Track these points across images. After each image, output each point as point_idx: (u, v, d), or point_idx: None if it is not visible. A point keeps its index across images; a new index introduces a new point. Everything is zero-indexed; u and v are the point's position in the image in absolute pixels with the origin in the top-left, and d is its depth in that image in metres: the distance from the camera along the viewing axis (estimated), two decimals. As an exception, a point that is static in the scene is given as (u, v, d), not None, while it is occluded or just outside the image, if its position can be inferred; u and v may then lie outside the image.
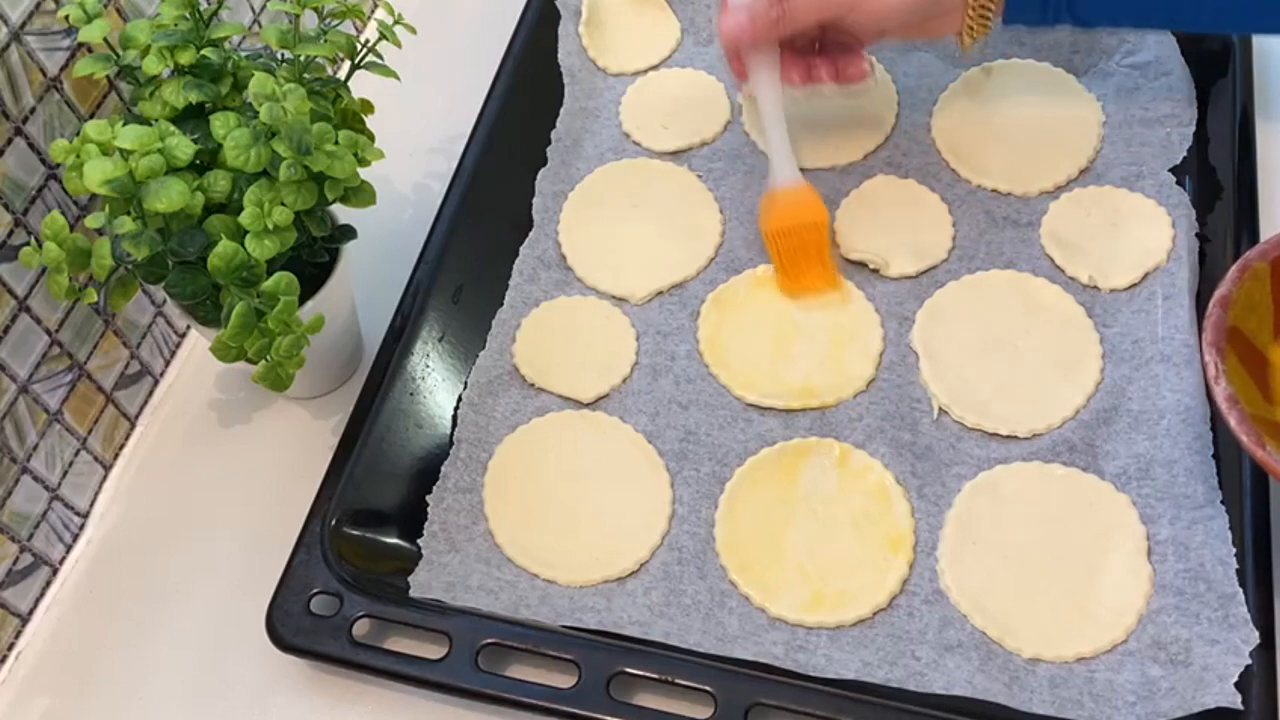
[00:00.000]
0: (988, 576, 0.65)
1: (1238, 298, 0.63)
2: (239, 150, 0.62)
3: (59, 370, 0.70)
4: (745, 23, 0.73)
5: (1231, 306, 0.63)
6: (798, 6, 0.72)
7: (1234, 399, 0.60)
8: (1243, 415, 0.59)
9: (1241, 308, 0.63)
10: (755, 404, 0.72)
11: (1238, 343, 0.63)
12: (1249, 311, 0.64)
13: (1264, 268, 0.64)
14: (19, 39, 0.64)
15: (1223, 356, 0.61)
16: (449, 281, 0.78)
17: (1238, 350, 0.63)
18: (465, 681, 0.63)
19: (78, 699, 0.69)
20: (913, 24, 0.74)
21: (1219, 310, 0.62)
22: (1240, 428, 0.59)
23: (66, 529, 0.73)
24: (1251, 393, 0.62)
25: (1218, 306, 0.63)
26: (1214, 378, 0.61)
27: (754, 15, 0.73)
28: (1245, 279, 0.64)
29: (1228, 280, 0.63)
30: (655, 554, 0.68)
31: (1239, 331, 0.63)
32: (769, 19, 0.72)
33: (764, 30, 0.73)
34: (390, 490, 0.70)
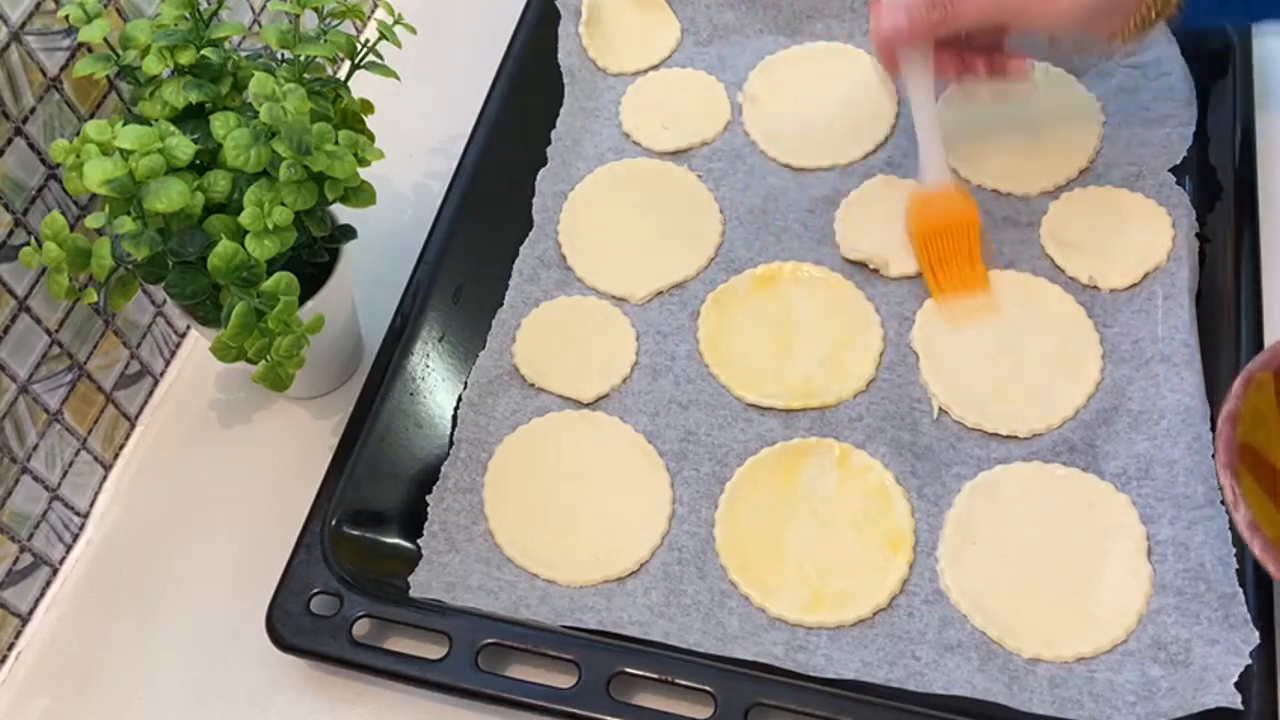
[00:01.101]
0: (988, 576, 0.65)
1: (1245, 412, 0.61)
2: (239, 150, 0.62)
3: (59, 370, 0.70)
4: (903, 24, 0.70)
5: (1240, 423, 0.61)
6: (962, 9, 0.69)
7: (1255, 525, 0.58)
8: (1266, 543, 0.58)
9: (1250, 422, 0.61)
10: (755, 404, 0.72)
11: (1249, 459, 0.61)
12: (1257, 425, 0.62)
13: (1267, 378, 0.62)
14: (19, 39, 0.64)
15: (1238, 478, 0.59)
16: (449, 281, 0.78)
17: (1250, 467, 0.61)
18: (465, 681, 0.63)
19: (78, 699, 0.69)
20: (1083, 23, 0.70)
21: (1228, 428, 0.60)
22: (1265, 555, 0.58)
23: (66, 529, 0.73)
24: (1268, 510, 0.60)
25: (1227, 424, 0.60)
26: (1233, 504, 0.59)
27: (913, 17, 0.70)
28: (1250, 391, 0.62)
29: (1233, 395, 0.61)
30: (655, 554, 0.68)
31: (1249, 447, 0.61)
32: (929, 22, 0.70)
33: (923, 33, 0.71)
34: (390, 490, 0.70)
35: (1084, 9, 0.69)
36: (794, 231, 0.79)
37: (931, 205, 0.75)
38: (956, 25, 0.70)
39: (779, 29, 0.89)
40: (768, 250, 0.78)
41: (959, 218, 0.75)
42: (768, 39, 0.89)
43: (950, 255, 0.74)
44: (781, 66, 0.87)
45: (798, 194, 0.81)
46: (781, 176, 0.82)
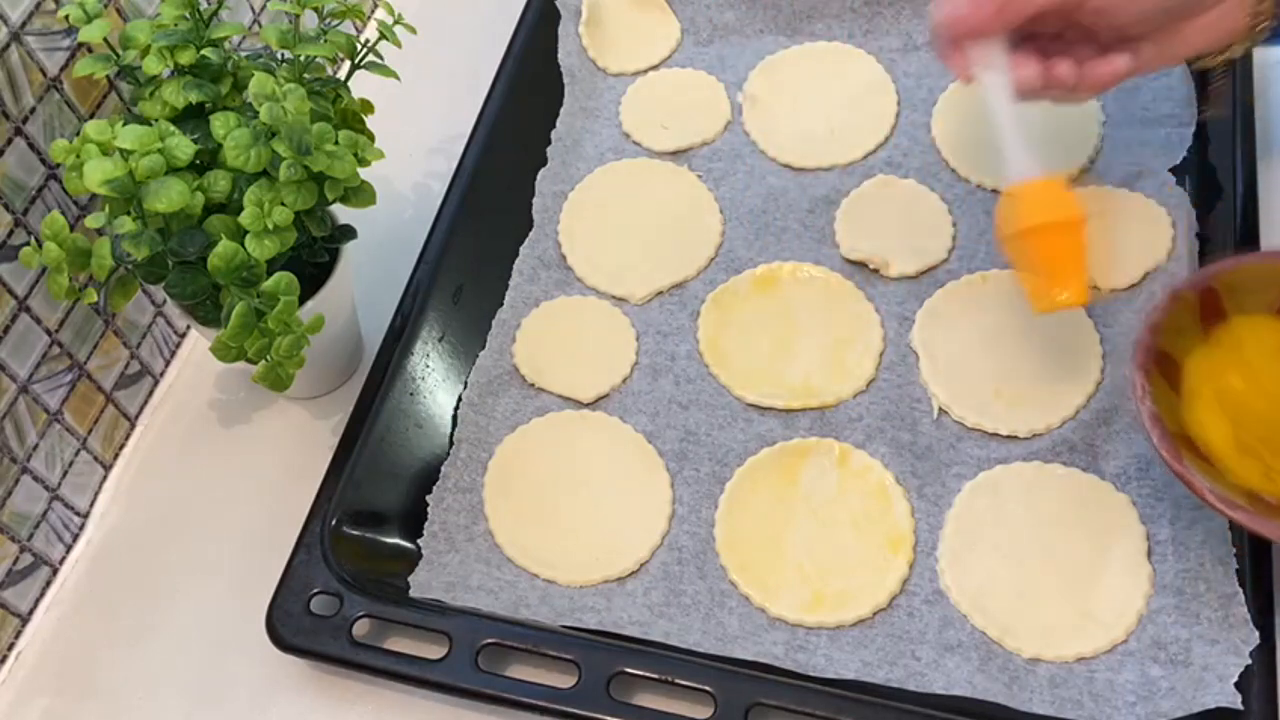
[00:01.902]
0: (988, 576, 0.65)
1: (1166, 324, 0.64)
2: (239, 150, 0.62)
3: (59, 370, 0.70)
4: (963, 10, 0.62)
5: (1161, 333, 0.64)
6: None
7: (1156, 416, 0.61)
8: (1164, 432, 0.61)
9: (1169, 334, 0.64)
10: (755, 404, 0.72)
11: (1163, 365, 0.64)
12: (1176, 336, 0.65)
13: (1192, 295, 0.65)
14: (19, 39, 0.64)
15: (1149, 377, 0.62)
16: (449, 281, 0.78)
17: (1163, 372, 0.64)
18: (465, 681, 0.63)
19: (78, 699, 0.69)
20: (1173, 13, 0.62)
21: (1149, 335, 0.63)
22: (1161, 443, 0.60)
23: (66, 529, 0.73)
24: (1176, 412, 0.64)
25: (1147, 332, 0.64)
26: (1140, 398, 0.62)
27: (976, 2, 0.62)
28: (1176, 307, 0.65)
29: (1158, 308, 0.64)
30: (655, 554, 0.68)
31: (1166, 354, 0.64)
32: (991, 6, 0.61)
33: (986, 20, 0.62)
34: (390, 490, 0.70)
35: None
36: (794, 231, 0.79)
37: (1032, 200, 0.65)
38: (1021, 11, 0.62)
39: (779, 29, 0.89)
40: (768, 250, 0.78)
41: (1063, 213, 0.64)
42: (768, 39, 0.89)
43: (1057, 258, 0.64)
44: (781, 66, 0.87)
45: (798, 194, 0.81)
46: (781, 176, 0.82)
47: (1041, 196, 0.65)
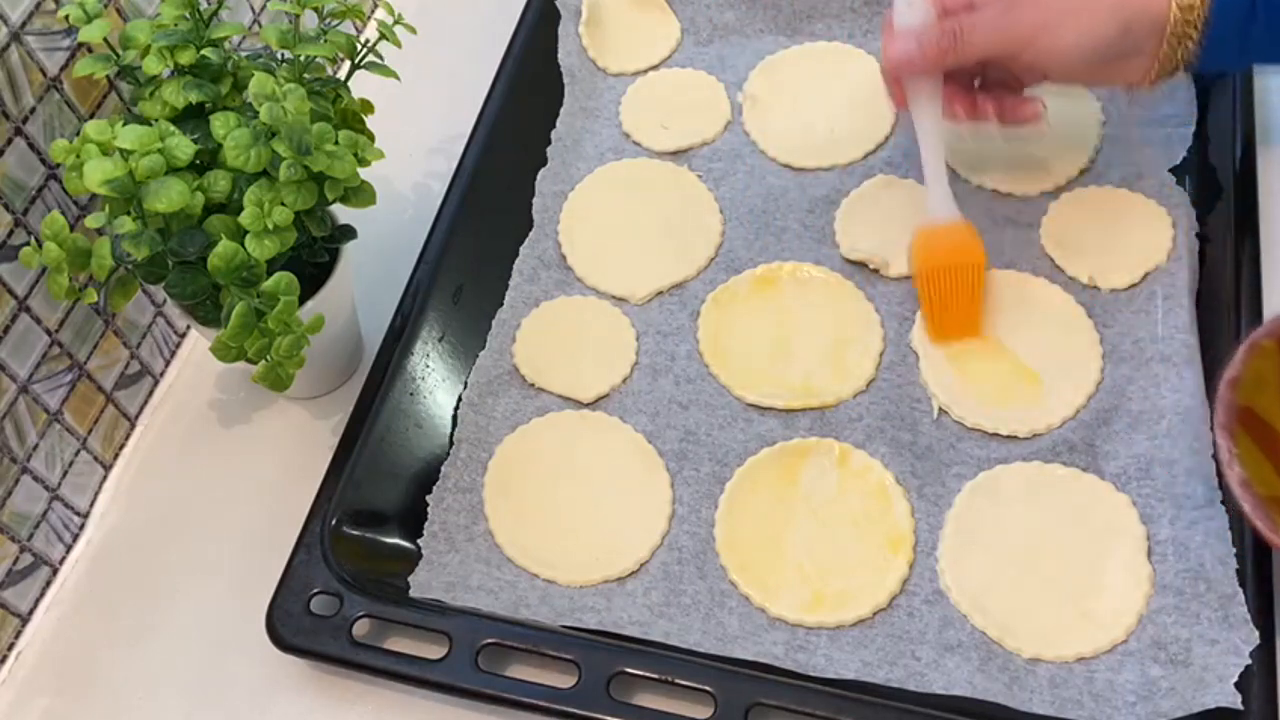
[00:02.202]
0: (988, 576, 0.65)
1: (1246, 377, 0.62)
2: (239, 150, 0.62)
3: (59, 370, 0.70)
4: (913, 50, 0.69)
5: (1241, 387, 0.62)
6: (973, 37, 0.68)
7: (1246, 483, 0.59)
8: (1257, 501, 0.59)
9: (1250, 387, 0.62)
10: (755, 404, 0.72)
11: (1248, 421, 0.62)
12: (1259, 390, 0.63)
13: (1271, 345, 0.63)
14: (19, 39, 0.64)
15: (1234, 439, 0.61)
16: (449, 281, 0.78)
17: (1248, 429, 0.62)
18: (465, 681, 0.63)
19: (78, 699, 0.69)
20: (1094, 67, 0.69)
21: (1229, 392, 0.61)
22: (1255, 513, 0.59)
23: (66, 529, 0.73)
24: (1265, 472, 0.61)
25: (1227, 388, 0.62)
26: (1227, 463, 0.60)
27: (923, 43, 0.69)
28: (1253, 357, 0.63)
29: (1235, 362, 0.62)
30: (655, 554, 0.68)
31: (1250, 411, 0.62)
32: (939, 48, 0.68)
33: (933, 60, 0.69)
34: (390, 490, 0.70)
35: (1090, 47, 0.67)
36: (794, 231, 0.79)
37: (937, 242, 0.73)
38: (967, 55, 0.69)
39: (779, 29, 0.89)
40: (768, 250, 0.78)
41: (965, 258, 0.72)
42: (768, 39, 0.89)
43: (951, 296, 0.72)
44: (781, 66, 0.87)
45: (798, 194, 0.81)
46: (781, 176, 0.82)
47: (945, 240, 0.73)
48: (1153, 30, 0.67)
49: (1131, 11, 0.67)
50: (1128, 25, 0.67)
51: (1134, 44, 0.67)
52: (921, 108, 0.72)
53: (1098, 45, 0.67)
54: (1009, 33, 0.68)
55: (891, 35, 0.71)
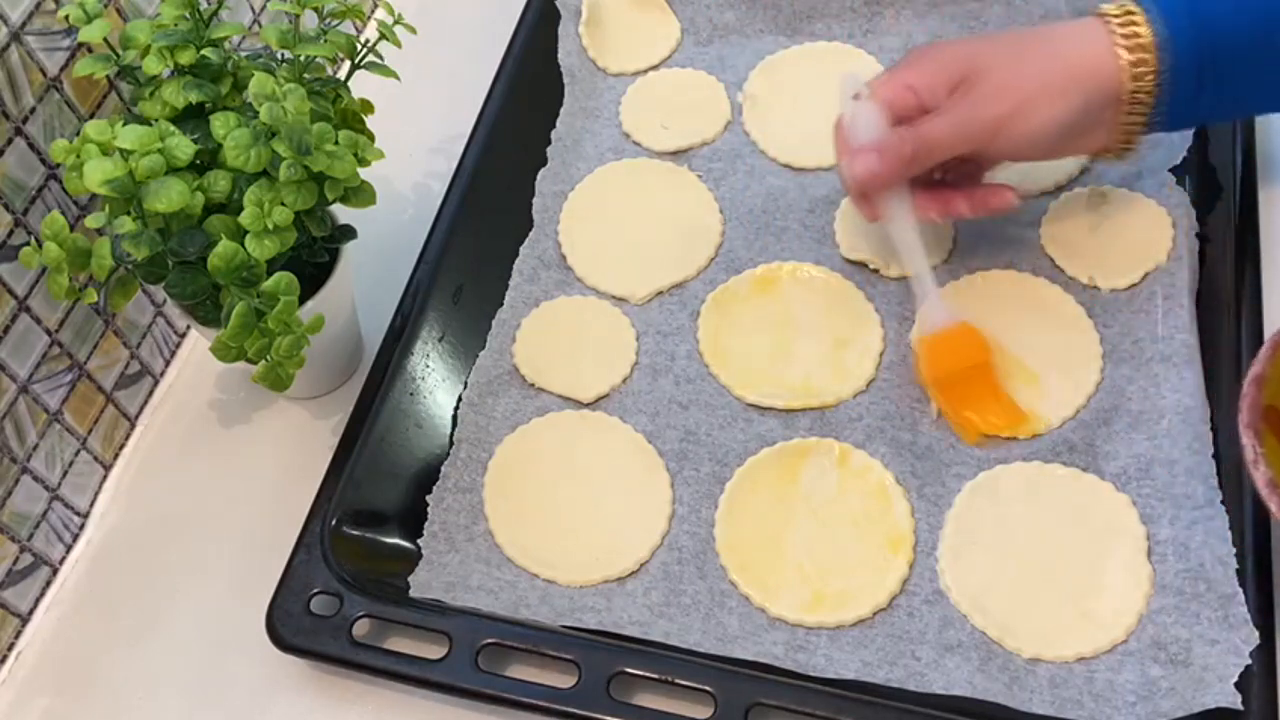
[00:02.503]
0: (988, 576, 0.65)
1: (1272, 375, 0.61)
2: (239, 150, 0.62)
3: (59, 370, 0.70)
4: (875, 165, 0.67)
5: (1266, 385, 0.61)
6: (933, 141, 0.67)
7: (1274, 484, 0.59)
8: None
9: (1276, 385, 0.61)
10: (755, 404, 0.72)
11: (1274, 420, 0.61)
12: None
13: None
14: (19, 39, 0.64)
15: (1259, 438, 0.60)
16: (449, 281, 0.78)
17: (1273, 428, 0.61)
18: (465, 681, 0.63)
19: (78, 699, 0.69)
20: (1059, 145, 0.68)
21: (1254, 390, 0.60)
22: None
23: (66, 529, 0.73)
24: None
25: (1252, 386, 0.61)
26: (1253, 463, 0.59)
27: (884, 155, 0.67)
28: (1279, 355, 0.62)
29: (1260, 359, 0.61)
30: (655, 554, 0.68)
31: (1275, 409, 0.62)
32: (902, 158, 0.67)
33: (896, 172, 0.68)
34: (390, 490, 0.70)
35: (1055, 128, 0.66)
36: (794, 231, 0.79)
37: (941, 349, 0.71)
38: (930, 158, 0.68)
39: (779, 29, 0.89)
40: (768, 250, 0.78)
41: (969, 359, 0.70)
42: (768, 39, 0.89)
43: (975, 396, 0.70)
44: (781, 66, 0.87)
45: (798, 194, 0.81)
46: (781, 176, 0.82)
47: (948, 345, 0.71)
48: (1109, 101, 0.66)
49: (1090, 85, 0.66)
50: (1086, 103, 0.66)
51: (1094, 117, 0.67)
52: (895, 217, 0.70)
53: (1061, 125, 0.67)
54: (970, 130, 0.67)
55: (849, 152, 0.69)
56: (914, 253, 0.71)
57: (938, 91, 0.68)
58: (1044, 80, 0.66)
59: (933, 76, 0.68)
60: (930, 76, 0.68)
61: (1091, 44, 0.66)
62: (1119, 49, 0.65)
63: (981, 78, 0.67)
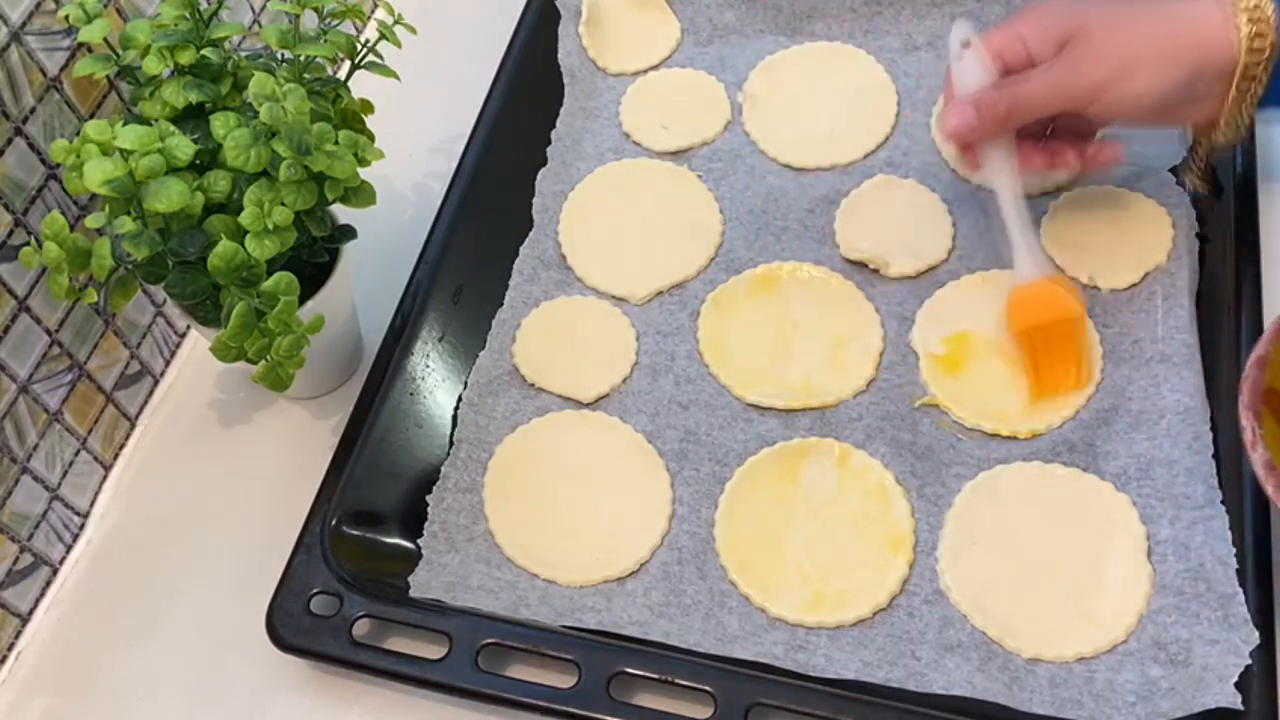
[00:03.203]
0: (988, 576, 0.65)
1: (1274, 357, 0.61)
2: (239, 150, 0.62)
3: (59, 370, 0.70)
4: (971, 119, 0.68)
5: (1268, 367, 0.61)
6: (1030, 100, 0.67)
7: (1271, 465, 0.58)
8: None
9: (1278, 367, 0.61)
10: (755, 404, 0.72)
11: (1274, 403, 0.61)
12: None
13: None
14: (19, 39, 0.64)
15: (1259, 420, 0.60)
16: (449, 281, 0.78)
17: (1273, 410, 0.61)
18: (465, 681, 0.63)
19: (78, 699, 0.69)
20: (1164, 112, 0.68)
21: (1256, 371, 0.60)
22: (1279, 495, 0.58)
23: (66, 529, 0.73)
24: None
25: (1255, 367, 0.61)
26: (1251, 444, 0.59)
27: (980, 110, 0.67)
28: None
29: (1264, 340, 0.61)
30: (655, 554, 0.68)
31: (1276, 391, 0.62)
32: (997, 114, 0.67)
33: (992, 127, 0.68)
34: (390, 490, 0.70)
35: (1158, 95, 0.66)
36: (794, 231, 0.79)
37: (1035, 300, 0.71)
38: (1027, 115, 0.68)
39: (779, 29, 0.89)
40: (768, 250, 0.78)
41: (1064, 311, 0.70)
42: (768, 39, 0.89)
43: (1057, 351, 0.70)
44: (781, 66, 0.87)
45: (798, 194, 0.81)
46: (781, 176, 0.82)
47: (1042, 297, 0.71)
48: (1221, 75, 0.66)
49: (1200, 57, 0.66)
50: (1198, 71, 0.66)
51: (1204, 88, 0.67)
52: (995, 169, 0.71)
53: (1165, 93, 0.66)
54: (1069, 92, 0.67)
55: (950, 103, 0.69)
56: (1013, 205, 0.71)
57: (1046, 45, 0.68)
58: (1150, 46, 0.66)
59: (1044, 30, 0.68)
60: (1041, 30, 0.68)
61: (1207, 14, 0.66)
62: (1241, 19, 0.65)
63: (1086, 37, 0.67)
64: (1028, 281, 0.71)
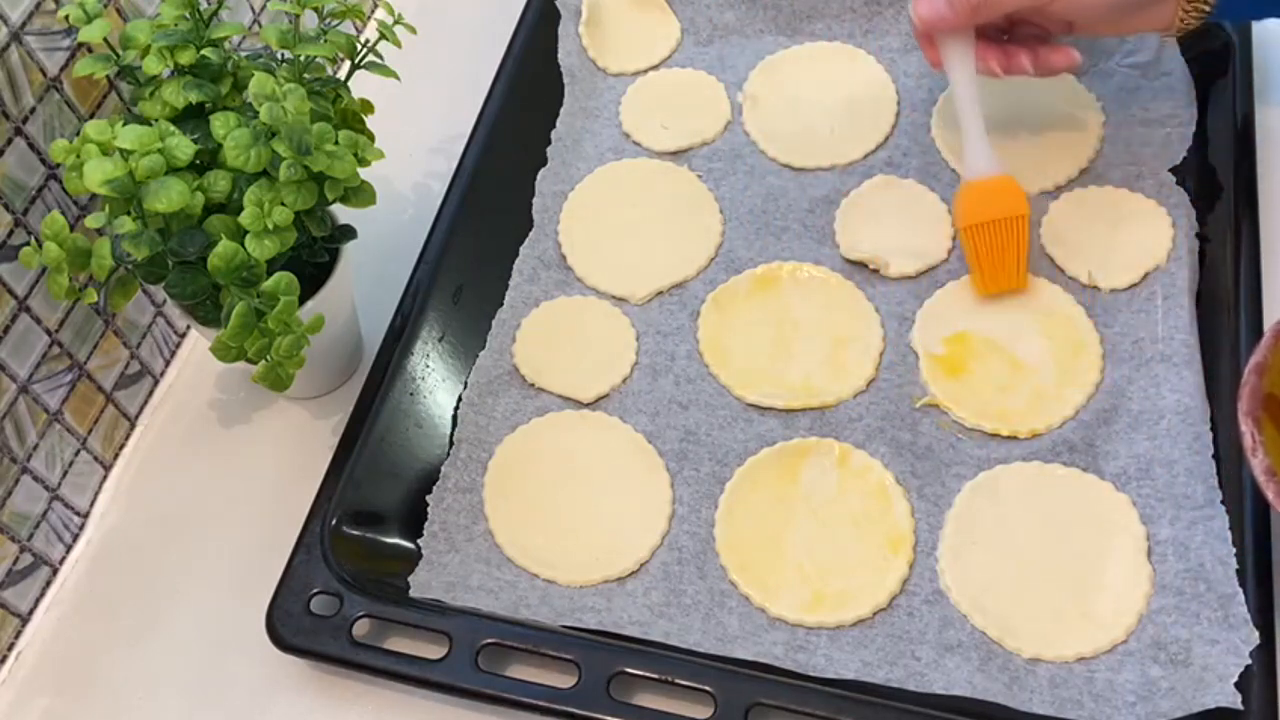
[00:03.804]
0: (988, 576, 0.65)
1: (1273, 364, 0.61)
2: (239, 150, 0.62)
3: (59, 370, 0.70)
4: (943, 8, 0.70)
5: (1267, 373, 0.61)
6: None
7: (1271, 471, 0.59)
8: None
9: (1277, 373, 0.61)
10: (755, 404, 0.72)
11: (1274, 409, 0.61)
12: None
13: None
14: (19, 39, 0.64)
15: (1259, 426, 0.60)
16: (449, 281, 0.78)
17: (1273, 417, 0.61)
18: (465, 681, 0.63)
19: (78, 699, 0.69)
20: (1120, 14, 0.71)
21: (1255, 378, 0.61)
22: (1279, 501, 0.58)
23: (66, 529, 0.73)
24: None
25: (1253, 374, 0.61)
26: (1251, 450, 0.59)
27: (953, 2, 0.70)
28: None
29: (1262, 347, 0.62)
30: (655, 554, 0.68)
31: (1275, 398, 0.62)
32: (968, 6, 0.70)
33: (963, 17, 0.70)
34: (390, 490, 0.70)
35: None
36: (794, 231, 0.79)
37: (981, 195, 0.74)
38: (996, 10, 0.70)
39: (779, 29, 0.89)
40: (768, 250, 0.78)
41: (1009, 210, 0.73)
42: (768, 39, 0.89)
43: (997, 249, 0.73)
44: (781, 66, 0.87)
45: (798, 194, 0.81)
46: (781, 176, 0.82)
47: (990, 193, 0.74)
48: None
49: None
50: None
51: None
52: (955, 65, 0.73)
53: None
54: None
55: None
56: (969, 101, 0.73)
57: None
58: None
59: None
60: None
61: None
62: None
63: None
64: (977, 178, 0.74)
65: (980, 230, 0.73)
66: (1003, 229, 0.73)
